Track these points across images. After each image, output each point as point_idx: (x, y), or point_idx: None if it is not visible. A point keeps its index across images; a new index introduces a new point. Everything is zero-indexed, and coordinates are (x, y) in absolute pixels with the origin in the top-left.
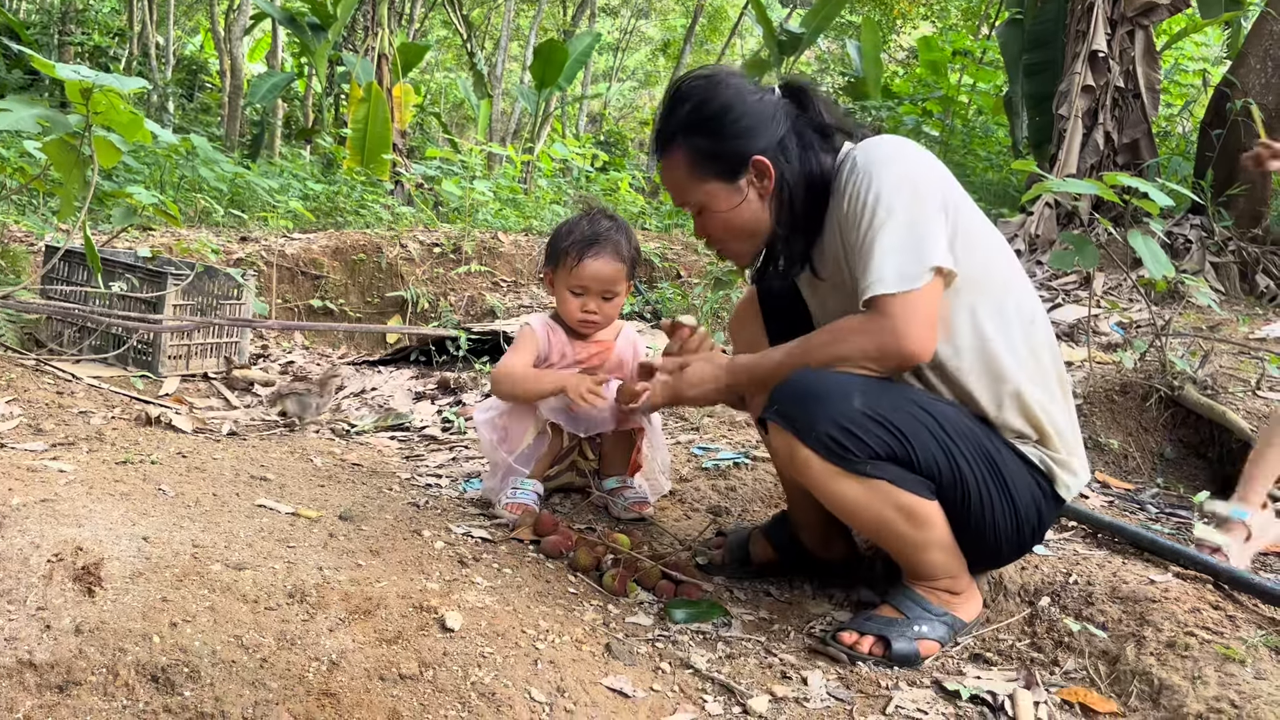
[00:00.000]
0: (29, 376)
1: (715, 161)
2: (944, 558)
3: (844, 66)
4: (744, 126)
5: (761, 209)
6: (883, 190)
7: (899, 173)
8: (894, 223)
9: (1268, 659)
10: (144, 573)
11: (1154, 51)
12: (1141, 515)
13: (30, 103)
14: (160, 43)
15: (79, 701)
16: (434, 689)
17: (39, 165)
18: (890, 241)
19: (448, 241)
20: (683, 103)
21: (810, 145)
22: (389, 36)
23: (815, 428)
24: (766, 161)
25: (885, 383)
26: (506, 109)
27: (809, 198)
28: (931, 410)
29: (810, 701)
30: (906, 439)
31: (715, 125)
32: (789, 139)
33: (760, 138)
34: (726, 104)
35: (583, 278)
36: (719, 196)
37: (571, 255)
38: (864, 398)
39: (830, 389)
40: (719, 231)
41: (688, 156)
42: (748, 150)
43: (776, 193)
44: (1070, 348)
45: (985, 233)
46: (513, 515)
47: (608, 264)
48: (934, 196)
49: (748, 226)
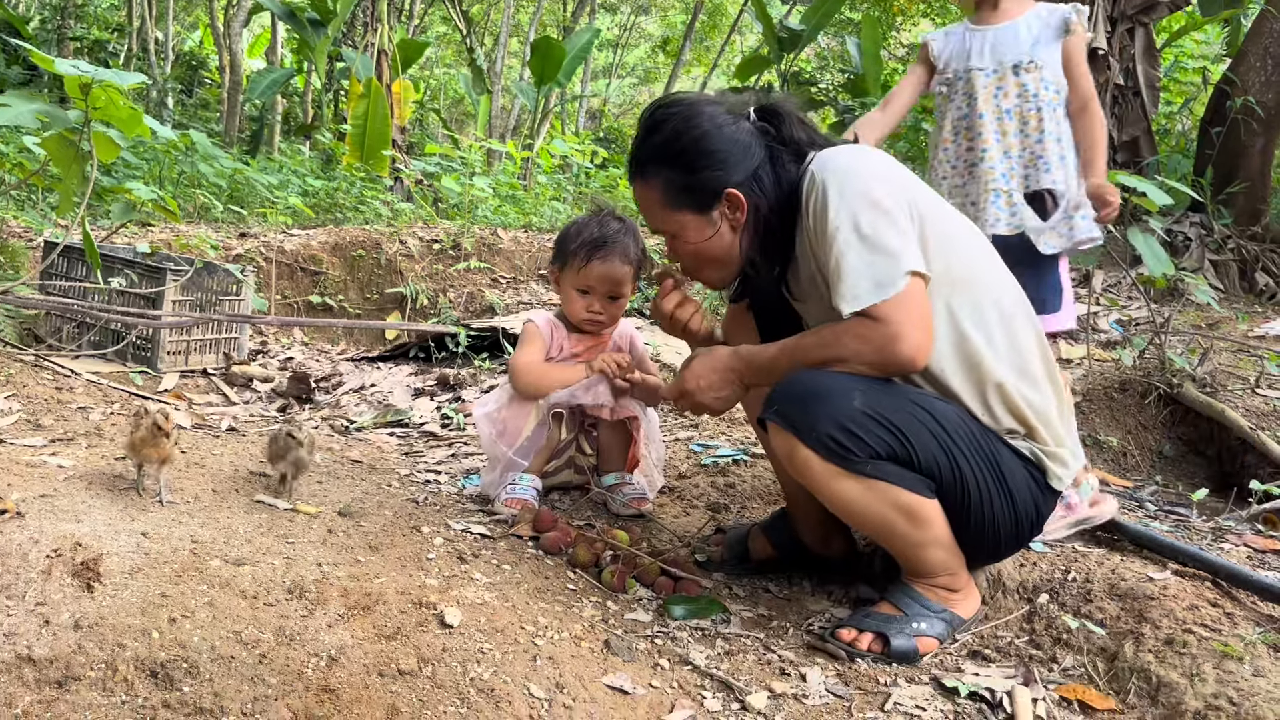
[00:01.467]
0: (28, 372)
1: (688, 194)
2: (943, 555)
3: (844, 63)
4: (718, 159)
5: (733, 240)
6: (842, 207)
7: (856, 187)
8: (858, 240)
9: (1266, 656)
10: (143, 568)
11: (1154, 49)
12: (1140, 512)
13: (29, 98)
14: (159, 38)
15: (78, 697)
16: (433, 685)
17: (38, 160)
18: (857, 259)
19: (447, 238)
20: (656, 131)
21: (782, 165)
22: (388, 32)
23: (816, 428)
24: (740, 195)
25: (884, 382)
26: (506, 105)
27: (782, 225)
28: (930, 409)
29: (809, 698)
30: (907, 438)
31: (689, 158)
32: (763, 169)
33: (734, 170)
34: (700, 136)
35: (590, 278)
36: (690, 227)
37: (580, 256)
38: (864, 397)
39: (830, 389)
40: (689, 260)
41: (661, 186)
42: (720, 183)
43: (749, 224)
44: (1070, 345)
45: (958, 230)
46: (511, 510)
47: (615, 266)
48: (895, 206)
49: (719, 257)
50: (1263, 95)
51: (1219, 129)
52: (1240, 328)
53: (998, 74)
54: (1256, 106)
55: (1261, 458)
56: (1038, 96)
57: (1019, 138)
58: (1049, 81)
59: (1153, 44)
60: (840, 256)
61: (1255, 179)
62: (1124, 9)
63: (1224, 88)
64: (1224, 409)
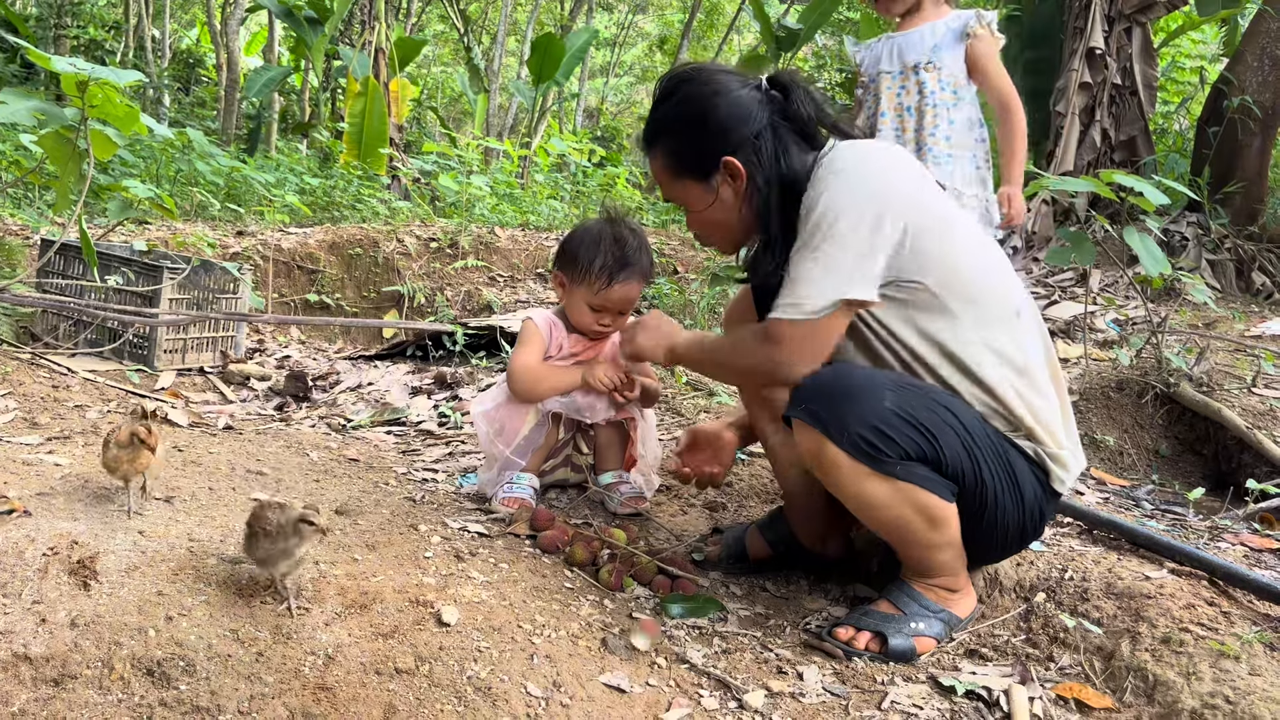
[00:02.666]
0: (24, 370)
1: (688, 161)
2: (950, 557)
3: (841, 63)
4: (718, 127)
5: (734, 207)
6: (826, 209)
7: (849, 194)
8: (822, 248)
9: (1262, 655)
10: (139, 566)
11: (1151, 48)
12: (1137, 511)
13: (26, 95)
14: (156, 36)
15: (74, 695)
16: (430, 683)
17: (35, 158)
18: (807, 267)
19: (444, 236)
20: (665, 100)
21: (786, 147)
22: (386, 31)
23: (848, 428)
24: (737, 163)
25: (909, 379)
26: (503, 104)
27: (782, 200)
28: (954, 410)
29: (806, 696)
30: (936, 439)
31: (690, 125)
32: (764, 139)
33: (733, 138)
34: (703, 103)
35: (610, 300)
36: (694, 195)
37: (601, 279)
38: (894, 397)
39: (861, 388)
40: (697, 227)
41: (665, 154)
42: (718, 150)
43: (749, 194)
44: (1067, 344)
45: (965, 237)
46: (509, 510)
47: (634, 287)
48: (882, 222)
49: (722, 224)
50: (1260, 95)
51: (1216, 128)
52: (1237, 327)
53: (902, 74)
54: (1254, 106)
55: (1258, 457)
56: (934, 95)
57: (916, 133)
58: (945, 82)
59: (1150, 43)
60: (799, 258)
61: (1252, 178)
62: (1121, 8)
63: (1221, 87)
64: (1220, 408)
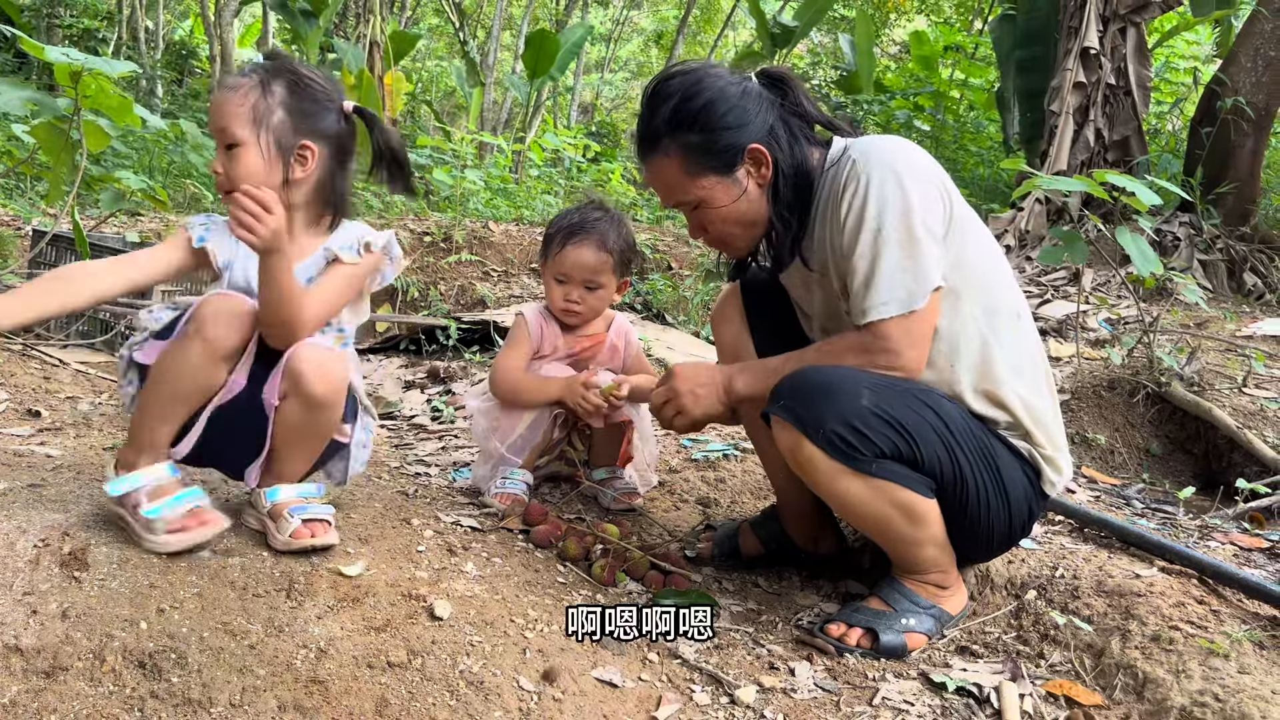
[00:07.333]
0: (16, 361)
1: (710, 155)
2: (936, 553)
3: (836, 60)
4: (734, 118)
5: (760, 198)
6: (885, 204)
7: (900, 185)
8: (896, 242)
9: (1251, 653)
10: (131, 558)
11: (1145, 49)
12: (1127, 510)
13: (19, 85)
14: (149, 27)
15: (65, 687)
16: (422, 677)
17: (27, 149)
18: (892, 263)
19: (438, 230)
20: (666, 101)
21: (796, 136)
22: (381, 24)
23: (824, 425)
24: (763, 149)
25: (890, 378)
26: (498, 98)
27: (800, 186)
28: (936, 407)
29: (798, 692)
30: (913, 438)
31: (705, 119)
32: (778, 126)
33: (751, 126)
34: (712, 96)
35: (564, 265)
36: (717, 191)
37: (555, 243)
38: (872, 395)
39: (838, 385)
40: (717, 226)
41: (679, 154)
42: (742, 140)
43: (774, 180)
44: (1058, 343)
45: (975, 230)
46: (502, 506)
47: (589, 253)
48: (934, 209)
49: (747, 217)
50: (1253, 96)
51: (1209, 129)
52: (1228, 327)
53: None
54: (1247, 107)
55: (1248, 456)
56: None
57: None
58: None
59: (1144, 44)
60: (876, 259)
61: (1244, 179)
62: (1116, 8)
63: (1214, 88)
64: (1211, 408)
